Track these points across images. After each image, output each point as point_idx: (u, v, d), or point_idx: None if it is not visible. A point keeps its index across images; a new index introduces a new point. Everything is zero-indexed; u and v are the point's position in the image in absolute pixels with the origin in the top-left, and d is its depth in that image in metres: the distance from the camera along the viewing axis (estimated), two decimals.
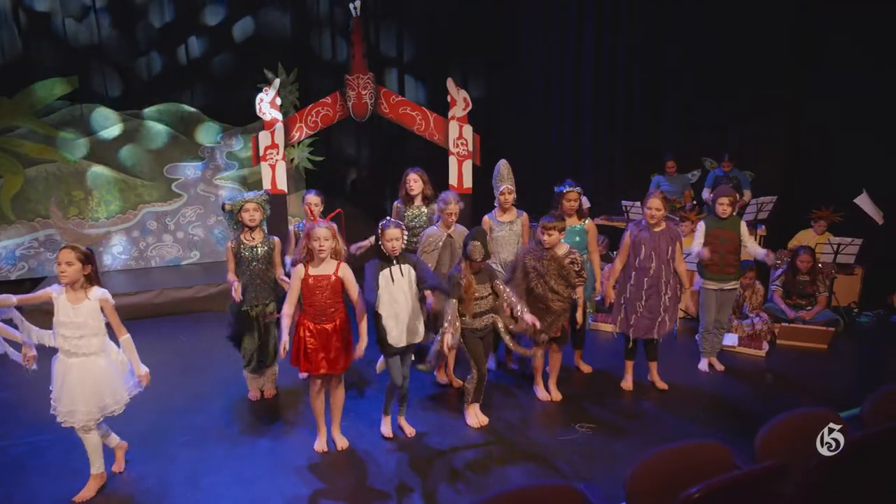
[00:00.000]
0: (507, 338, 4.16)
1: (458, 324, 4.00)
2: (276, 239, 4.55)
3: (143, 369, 3.52)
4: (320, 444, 4.00)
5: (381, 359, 4.10)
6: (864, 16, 7.04)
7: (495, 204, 4.96)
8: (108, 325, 3.44)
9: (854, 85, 7.13)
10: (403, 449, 4.04)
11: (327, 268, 3.68)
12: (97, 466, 3.55)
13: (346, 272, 3.71)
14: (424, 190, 5.06)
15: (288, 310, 3.68)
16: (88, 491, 3.52)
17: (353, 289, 3.74)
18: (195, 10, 7.97)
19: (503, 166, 4.91)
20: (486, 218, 4.96)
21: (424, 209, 5.08)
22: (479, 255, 3.94)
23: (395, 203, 5.20)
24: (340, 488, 3.62)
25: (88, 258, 3.34)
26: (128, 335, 3.49)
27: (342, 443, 4.04)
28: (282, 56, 8.33)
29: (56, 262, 3.31)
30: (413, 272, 3.94)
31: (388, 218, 3.96)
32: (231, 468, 3.82)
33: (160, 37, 7.85)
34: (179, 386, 5.08)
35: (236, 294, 4.25)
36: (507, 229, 4.88)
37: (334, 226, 3.73)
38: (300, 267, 3.67)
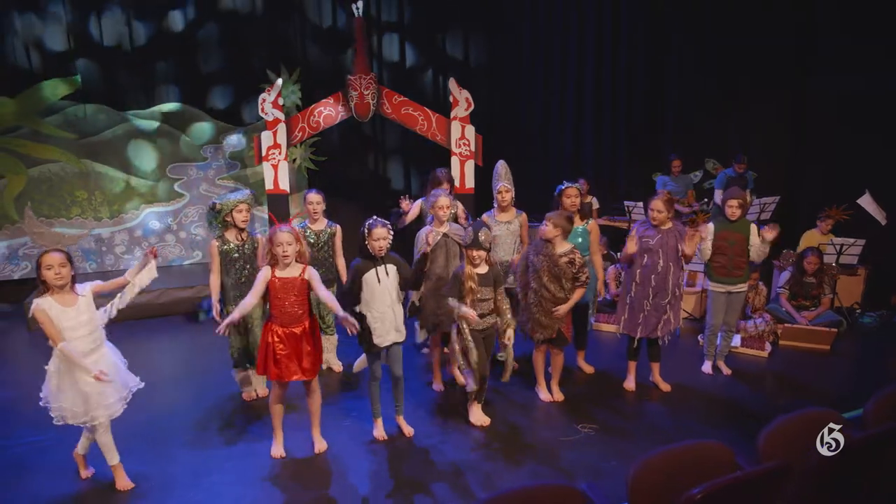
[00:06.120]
0: (510, 355, 4.18)
1: (465, 326, 4.01)
2: (261, 236, 4.53)
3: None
4: (278, 450, 3.94)
5: (361, 358, 4.09)
6: (868, 17, 7.02)
7: (493, 203, 5.01)
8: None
9: (857, 86, 7.12)
10: (404, 449, 4.04)
11: (293, 271, 3.65)
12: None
13: (311, 273, 3.68)
14: (452, 191, 5.21)
15: (249, 299, 3.61)
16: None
17: (320, 287, 3.67)
18: (199, 10, 7.97)
19: (501, 166, 4.97)
20: (484, 216, 4.99)
21: (452, 208, 5.17)
22: (474, 239, 3.95)
23: (421, 200, 5.24)
24: (341, 488, 3.62)
25: (71, 258, 3.35)
26: None
27: (321, 445, 4.00)
28: (284, 56, 8.34)
29: (45, 268, 3.21)
30: (397, 272, 3.94)
31: (374, 217, 3.92)
32: (232, 468, 3.82)
33: (163, 36, 7.86)
34: (181, 385, 5.10)
35: (217, 315, 4.36)
36: (504, 228, 4.90)
37: (297, 230, 3.72)
38: (267, 269, 3.63)
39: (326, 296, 3.66)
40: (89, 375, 3.26)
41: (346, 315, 3.55)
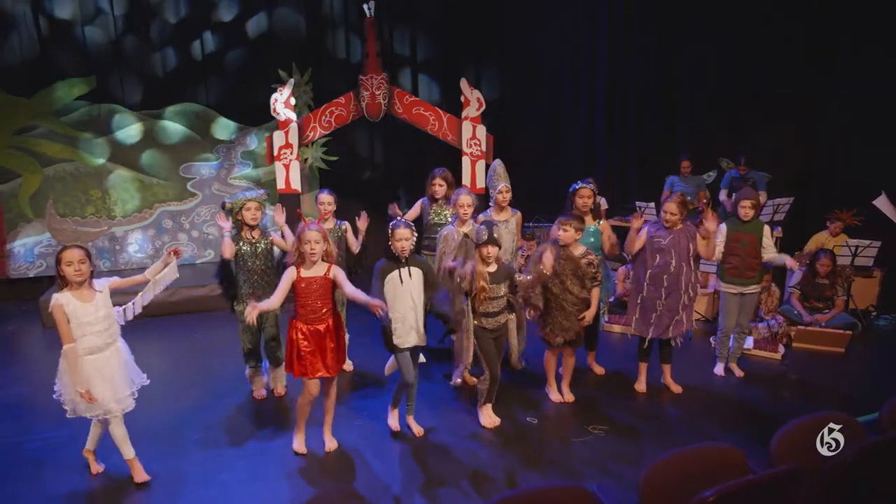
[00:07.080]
0: (514, 343, 4.18)
1: (470, 321, 4.01)
2: (274, 235, 4.61)
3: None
4: (300, 445, 3.96)
5: (391, 361, 4.10)
6: (880, 18, 6.93)
7: (490, 204, 5.03)
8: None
9: (870, 87, 7.03)
10: (415, 448, 4.05)
11: (318, 270, 3.66)
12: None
13: (337, 272, 3.69)
14: (448, 192, 5.18)
15: (272, 301, 3.63)
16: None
17: (346, 284, 3.68)
18: (210, 9, 8.01)
19: (499, 166, 5.00)
20: (480, 217, 4.97)
21: (447, 209, 5.17)
22: (487, 236, 3.95)
23: (421, 200, 5.25)
24: (352, 487, 3.63)
25: (90, 254, 3.41)
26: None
27: (332, 444, 4.01)
28: (296, 56, 8.37)
29: (65, 264, 3.27)
30: (422, 275, 3.94)
31: (398, 218, 3.94)
32: (244, 466, 3.84)
33: (176, 36, 7.91)
34: (193, 384, 5.12)
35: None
36: (502, 227, 4.90)
37: (325, 228, 3.73)
38: (292, 269, 3.64)
39: (352, 291, 3.65)
40: (78, 386, 3.30)
41: (373, 301, 3.55)
